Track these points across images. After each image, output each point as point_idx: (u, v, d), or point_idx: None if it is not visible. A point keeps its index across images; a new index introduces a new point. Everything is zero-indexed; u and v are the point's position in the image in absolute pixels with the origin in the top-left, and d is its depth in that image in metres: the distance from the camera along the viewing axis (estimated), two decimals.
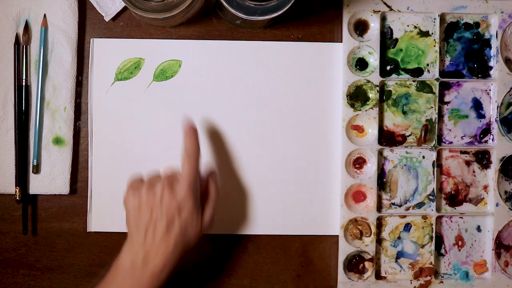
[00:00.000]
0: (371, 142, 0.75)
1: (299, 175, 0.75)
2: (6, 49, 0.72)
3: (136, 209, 0.64)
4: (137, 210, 0.64)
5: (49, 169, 0.73)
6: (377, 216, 0.75)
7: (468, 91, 0.76)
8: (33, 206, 0.74)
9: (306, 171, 0.75)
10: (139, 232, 0.63)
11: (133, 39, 0.74)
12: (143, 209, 0.63)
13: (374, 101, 0.74)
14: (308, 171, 0.75)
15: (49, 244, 0.74)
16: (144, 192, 0.64)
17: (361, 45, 0.74)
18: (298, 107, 0.75)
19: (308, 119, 0.75)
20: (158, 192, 0.63)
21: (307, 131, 0.75)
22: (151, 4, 0.63)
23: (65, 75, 0.73)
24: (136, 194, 0.64)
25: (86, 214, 0.74)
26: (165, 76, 0.74)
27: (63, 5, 0.72)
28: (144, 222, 0.63)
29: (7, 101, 0.73)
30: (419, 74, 0.76)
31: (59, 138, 0.73)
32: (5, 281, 0.74)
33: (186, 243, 0.64)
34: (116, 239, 0.73)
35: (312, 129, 0.75)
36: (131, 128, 0.74)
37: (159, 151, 0.74)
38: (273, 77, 0.75)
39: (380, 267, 0.76)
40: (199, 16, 0.74)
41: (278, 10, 0.64)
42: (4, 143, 0.73)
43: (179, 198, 0.63)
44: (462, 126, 0.77)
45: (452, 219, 0.77)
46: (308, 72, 0.75)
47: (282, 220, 0.75)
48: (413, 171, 0.76)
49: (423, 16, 0.75)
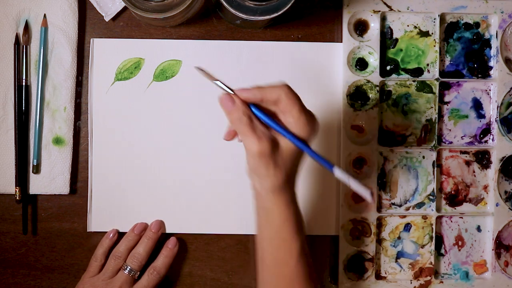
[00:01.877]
0: (371, 142, 0.74)
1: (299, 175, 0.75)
2: (6, 49, 0.72)
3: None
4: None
5: (49, 169, 0.73)
6: (377, 216, 0.75)
7: (468, 91, 0.76)
8: (33, 206, 0.74)
9: (306, 171, 0.75)
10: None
11: (133, 39, 0.74)
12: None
13: (374, 101, 0.74)
14: (308, 171, 0.75)
15: (49, 244, 0.74)
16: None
17: (361, 45, 0.74)
18: None
19: None
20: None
21: None
22: (151, 4, 0.63)
23: (65, 75, 0.73)
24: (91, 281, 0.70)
25: (86, 214, 0.74)
26: (165, 76, 0.74)
27: (63, 5, 0.72)
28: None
29: (7, 101, 0.73)
30: (419, 74, 0.76)
31: (59, 138, 0.73)
32: (5, 281, 0.74)
33: None
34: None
35: None
36: (131, 128, 0.74)
37: (159, 151, 0.74)
38: (273, 77, 0.74)
39: (380, 267, 0.76)
40: (199, 16, 0.74)
41: (278, 10, 0.64)
42: (4, 143, 0.73)
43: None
44: (462, 126, 0.77)
45: (452, 219, 0.77)
46: (308, 72, 0.75)
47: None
48: (413, 171, 0.76)
49: (423, 16, 0.75)
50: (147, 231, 0.73)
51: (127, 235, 0.72)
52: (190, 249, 0.75)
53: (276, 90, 0.55)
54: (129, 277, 0.70)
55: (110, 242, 0.72)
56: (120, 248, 0.71)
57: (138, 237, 0.72)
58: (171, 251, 0.73)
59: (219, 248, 0.75)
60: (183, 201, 0.74)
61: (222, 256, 0.75)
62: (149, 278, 0.71)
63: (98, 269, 0.71)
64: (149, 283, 0.71)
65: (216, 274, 0.75)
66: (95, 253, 0.72)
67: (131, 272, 0.70)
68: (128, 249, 0.71)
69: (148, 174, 0.74)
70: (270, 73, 0.74)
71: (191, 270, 0.75)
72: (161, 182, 0.74)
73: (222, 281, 0.75)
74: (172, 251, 0.73)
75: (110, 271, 0.70)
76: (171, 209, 0.74)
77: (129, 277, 0.70)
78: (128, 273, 0.70)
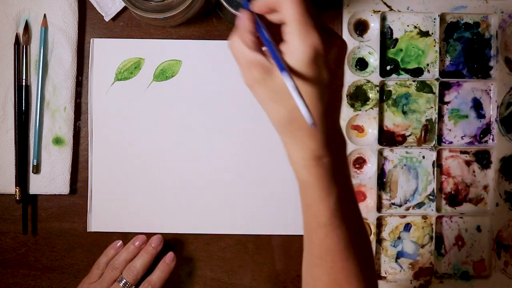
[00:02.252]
0: (371, 142, 0.75)
1: None
2: (6, 49, 0.72)
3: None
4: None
5: (49, 169, 0.73)
6: (377, 216, 0.75)
7: (468, 91, 0.76)
8: (33, 206, 0.74)
9: None
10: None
11: (133, 39, 0.74)
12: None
13: (374, 101, 0.74)
14: None
15: (49, 244, 0.74)
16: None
17: (361, 45, 0.74)
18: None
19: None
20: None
21: None
22: (151, 4, 0.63)
23: (65, 75, 0.73)
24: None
25: (86, 214, 0.74)
26: (165, 76, 0.74)
27: (63, 5, 0.72)
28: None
29: (7, 101, 0.73)
30: (419, 74, 0.76)
31: (59, 138, 0.73)
32: (5, 281, 0.74)
33: None
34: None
35: None
36: (131, 128, 0.74)
37: (159, 150, 0.74)
38: None
39: (380, 267, 0.76)
40: (199, 16, 0.74)
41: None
42: (4, 143, 0.73)
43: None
44: (462, 126, 0.77)
45: (452, 219, 0.77)
46: None
47: (282, 220, 0.75)
48: (413, 171, 0.76)
49: (423, 16, 0.75)
50: (147, 246, 0.72)
51: (127, 247, 0.72)
52: (190, 249, 0.75)
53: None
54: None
55: (115, 252, 0.72)
56: (119, 259, 0.71)
57: (137, 250, 0.72)
58: (168, 266, 0.72)
59: (219, 248, 0.75)
60: (183, 201, 0.74)
61: (222, 256, 0.75)
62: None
63: (98, 277, 0.71)
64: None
65: (216, 274, 0.75)
66: (98, 261, 0.72)
67: (126, 285, 0.70)
68: (126, 261, 0.71)
69: (148, 174, 0.74)
70: None
71: (191, 270, 0.75)
72: (161, 182, 0.74)
73: (222, 281, 0.75)
74: (169, 266, 0.72)
75: (106, 281, 0.70)
76: (171, 209, 0.74)
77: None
78: (123, 286, 0.70)
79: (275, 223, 0.75)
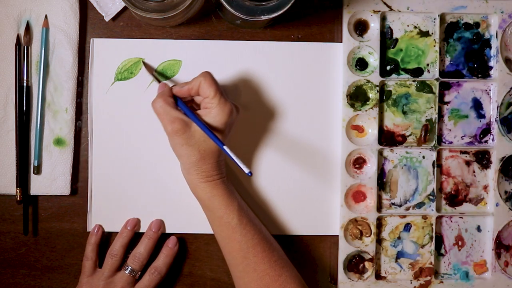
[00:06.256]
0: (371, 142, 0.75)
1: (299, 175, 0.75)
2: (7, 50, 0.72)
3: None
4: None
5: (50, 170, 0.73)
6: (377, 216, 0.75)
7: (468, 91, 0.76)
8: (33, 206, 0.74)
9: (306, 171, 0.75)
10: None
11: (133, 39, 0.74)
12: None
13: (374, 101, 0.74)
14: (308, 171, 0.75)
15: (49, 244, 0.74)
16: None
17: (361, 45, 0.74)
18: (298, 107, 0.75)
19: (308, 119, 0.75)
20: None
21: (307, 131, 0.75)
22: (151, 4, 0.63)
23: (66, 76, 0.73)
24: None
25: (86, 214, 0.74)
26: (165, 76, 0.74)
27: (64, 6, 0.72)
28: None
29: (8, 102, 0.73)
30: (419, 74, 0.76)
31: (60, 139, 0.73)
32: (5, 281, 0.74)
33: None
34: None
35: (312, 129, 0.75)
36: (131, 128, 0.74)
37: (159, 151, 0.74)
38: (273, 77, 0.75)
39: (380, 267, 0.76)
40: (199, 16, 0.74)
41: (278, 10, 0.64)
42: (5, 144, 0.73)
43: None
44: (462, 126, 0.77)
45: (452, 219, 0.77)
46: (308, 72, 0.75)
47: (282, 220, 0.75)
48: (413, 171, 0.76)
49: (423, 16, 0.75)
50: (147, 231, 0.73)
51: (121, 232, 0.72)
52: (190, 249, 0.75)
53: (198, 78, 0.66)
54: (130, 277, 0.70)
55: (96, 237, 0.72)
56: (116, 246, 0.71)
57: (131, 233, 0.72)
58: (171, 250, 0.73)
59: (219, 248, 0.75)
60: (183, 201, 0.74)
61: (222, 256, 0.74)
62: (150, 278, 0.71)
63: (92, 268, 0.71)
64: (150, 283, 0.71)
65: (216, 274, 0.75)
66: (85, 253, 0.72)
67: (132, 273, 0.70)
68: (123, 246, 0.72)
69: (148, 174, 0.74)
70: (270, 73, 0.74)
71: (191, 270, 0.75)
72: (161, 182, 0.74)
73: (222, 281, 0.75)
74: (173, 250, 0.73)
75: (108, 270, 0.70)
76: (171, 209, 0.74)
77: (130, 277, 0.70)
78: (129, 273, 0.70)
79: (275, 223, 0.75)
